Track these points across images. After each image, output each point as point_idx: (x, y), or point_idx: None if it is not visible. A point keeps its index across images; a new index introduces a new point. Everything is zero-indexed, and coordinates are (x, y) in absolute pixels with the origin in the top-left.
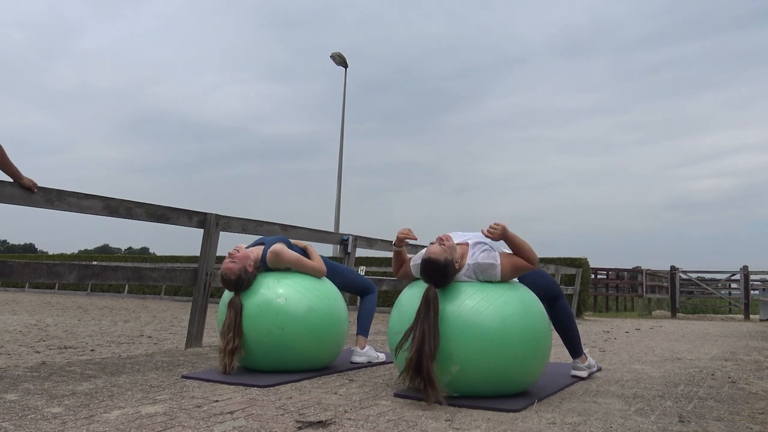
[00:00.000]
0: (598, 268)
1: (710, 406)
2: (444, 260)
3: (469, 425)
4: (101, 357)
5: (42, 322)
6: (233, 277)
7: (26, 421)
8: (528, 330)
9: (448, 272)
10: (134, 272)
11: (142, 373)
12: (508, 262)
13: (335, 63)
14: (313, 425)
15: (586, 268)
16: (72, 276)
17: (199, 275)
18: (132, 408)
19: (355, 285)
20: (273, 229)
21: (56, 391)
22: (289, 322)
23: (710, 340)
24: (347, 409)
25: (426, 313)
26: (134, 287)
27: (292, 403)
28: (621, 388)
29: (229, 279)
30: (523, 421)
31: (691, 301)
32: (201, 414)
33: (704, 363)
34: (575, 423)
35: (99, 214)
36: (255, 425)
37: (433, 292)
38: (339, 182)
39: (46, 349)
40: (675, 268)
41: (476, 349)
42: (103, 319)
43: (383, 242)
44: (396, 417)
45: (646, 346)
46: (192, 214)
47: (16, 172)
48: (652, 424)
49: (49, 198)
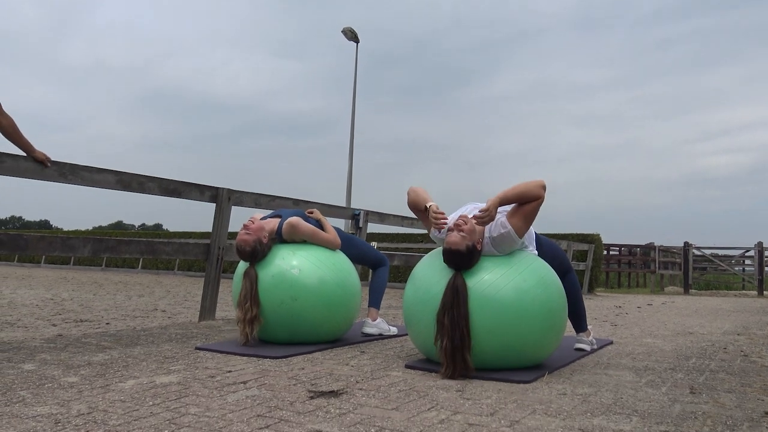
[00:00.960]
0: (610, 244)
1: (722, 378)
2: (465, 248)
3: (480, 395)
4: (116, 329)
5: (58, 296)
6: (248, 248)
7: (44, 390)
8: (546, 306)
9: (473, 257)
10: (148, 246)
11: (157, 345)
12: (517, 217)
13: (346, 38)
14: (325, 395)
15: (599, 244)
16: (86, 249)
17: (212, 249)
18: (147, 378)
19: (369, 257)
20: (285, 204)
21: (72, 361)
22: (303, 292)
23: (723, 315)
24: (359, 379)
25: (454, 301)
26: (148, 263)
27: (305, 373)
28: (632, 361)
29: (244, 250)
30: (534, 392)
31: (705, 278)
32: (214, 384)
33: (716, 337)
34: (586, 394)
35: (112, 188)
36: (268, 395)
37: (460, 280)
38: (350, 157)
39: (62, 322)
40: (688, 244)
41: (494, 325)
42: (118, 294)
43: (395, 217)
44: (407, 387)
45: (658, 321)
46: (204, 189)
47: (28, 146)
48: (663, 395)
49: (62, 172)
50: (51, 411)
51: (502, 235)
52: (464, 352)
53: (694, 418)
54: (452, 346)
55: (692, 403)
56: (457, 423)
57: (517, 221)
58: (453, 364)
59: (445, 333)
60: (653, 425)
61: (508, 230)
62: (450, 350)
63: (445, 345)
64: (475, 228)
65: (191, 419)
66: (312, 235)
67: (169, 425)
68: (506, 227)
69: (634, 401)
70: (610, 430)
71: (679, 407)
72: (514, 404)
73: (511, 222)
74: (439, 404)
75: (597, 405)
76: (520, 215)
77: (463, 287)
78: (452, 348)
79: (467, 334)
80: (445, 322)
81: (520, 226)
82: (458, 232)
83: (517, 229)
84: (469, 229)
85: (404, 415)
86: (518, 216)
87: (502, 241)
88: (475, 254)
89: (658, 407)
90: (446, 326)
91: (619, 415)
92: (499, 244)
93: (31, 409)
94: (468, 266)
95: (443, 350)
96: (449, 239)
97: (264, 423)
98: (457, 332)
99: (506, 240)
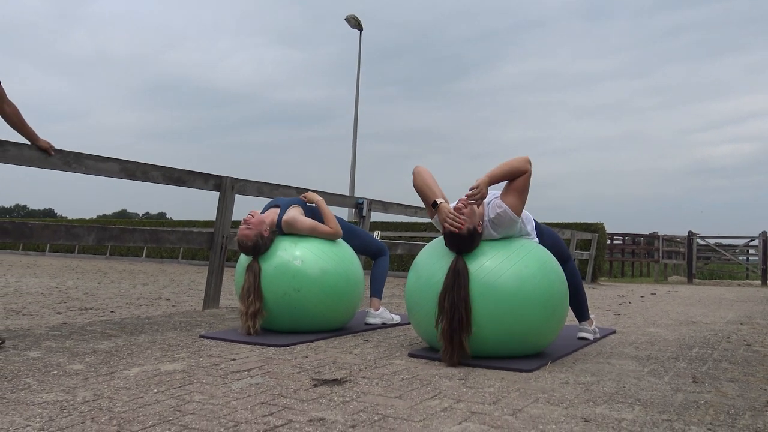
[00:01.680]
0: (614, 234)
1: (724, 367)
2: (467, 231)
3: (483, 384)
4: (121, 318)
5: (63, 284)
6: (249, 243)
7: (49, 377)
8: (547, 293)
9: (474, 239)
10: (152, 235)
11: (161, 333)
12: (510, 195)
13: (350, 26)
14: (328, 383)
15: (602, 234)
16: (90, 238)
17: (216, 238)
18: (151, 365)
19: (370, 248)
20: (289, 192)
21: (78, 349)
22: (305, 283)
23: (726, 305)
24: (362, 368)
25: (454, 283)
26: (152, 251)
27: (308, 361)
28: (635, 350)
29: (246, 245)
30: (537, 381)
31: (708, 267)
32: (219, 372)
33: (719, 326)
34: (588, 383)
35: (116, 176)
36: (272, 382)
37: (462, 263)
38: (354, 147)
39: (67, 310)
40: (692, 234)
41: (494, 311)
42: (122, 282)
43: (398, 206)
44: (410, 376)
45: (661, 310)
46: (208, 177)
47: (32, 134)
48: (665, 384)
49: (66, 160)
50: (56, 398)
51: (499, 215)
52: (462, 336)
53: (697, 408)
54: (451, 329)
55: (695, 393)
56: (459, 411)
57: (510, 199)
58: (451, 346)
59: (445, 316)
60: (656, 414)
61: (504, 209)
62: (449, 333)
63: (445, 327)
64: (475, 211)
65: (195, 406)
66: (311, 230)
67: (174, 412)
68: (502, 207)
69: (636, 390)
70: (613, 419)
71: (682, 396)
72: (517, 393)
73: (505, 201)
74: (442, 392)
75: (599, 394)
76: (512, 192)
77: (465, 270)
78: (451, 330)
79: (466, 317)
80: (445, 305)
81: (514, 203)
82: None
83: (513, 206)
84: (469, 212)
85: (407, 403)
86: (510, 193)
87: (500, 221)
88: (476, 237)
89: (660, 396)
90: (446, 309)
91: (621, 404)
92: (498, 225)
93: (36, 396)
94: (469, 249)
95: (442, 333)
96: (447, 226)
97: (268, 410)
98: (456, 315)
99: (504, 220)
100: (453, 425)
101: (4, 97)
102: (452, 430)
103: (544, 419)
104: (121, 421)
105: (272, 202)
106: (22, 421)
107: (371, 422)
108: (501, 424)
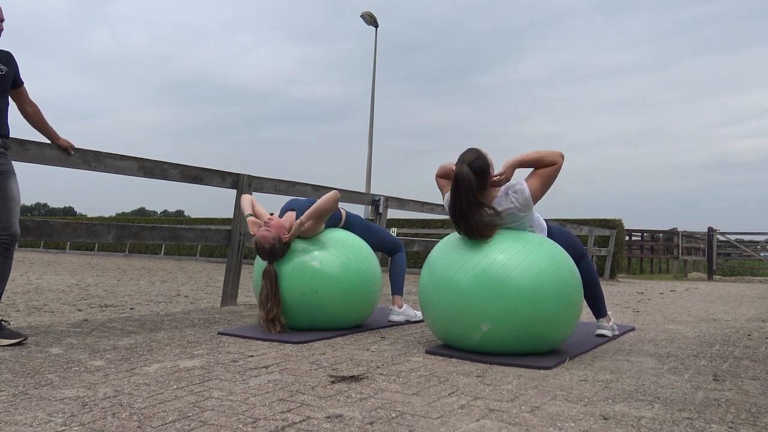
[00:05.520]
0: (632, 230)
1: (746, 365)
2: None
3: (501, 381)
4: (140, 315)
5: (83, 282)
6: (267, 245)
7: (70, 373)
8: (560, 287)
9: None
10: (170, 232)
11: (180, 330)
12: (534, 178)
13: (365, 22)
14: (345, 379)
15: (621, 230)
16: (110, 236)
17: (233, 236)
18: (171, 362)
19: (386, 244)
20: (305, 190)
21: (98, 345)
22: (323, 284)
23: (747, 302)
24: (379, 364)
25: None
26: (170, 249)
27: (326, 358)
28: (654, 348)
29: (263, 247)
30: (555, 378)
31: (729, 263)
32: (237, 368)
33: (741, 324)
34: (607, 380)
35: (134, 174)
36: (289, 379)
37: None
38: (370, 143)
39: (87, 307)
40: (712, 230)
41: (508, 307)
42: (141, 280)
43: (415, 203)
44: (427, 373)
45: (681, 307)
46: (225, 175)
47: (53, 134)
48: (685, 382)
49: (86, 159)
50: (78, 394)
51: (516, 189)
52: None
53: (717, 406)
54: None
55: (715, 390)
56: (477, 408)
57: (533, 182)
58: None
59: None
60: (675, 412)
61: (523, 188)
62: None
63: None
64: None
65: (214, 402)
66: (316, 222)
67: (193, 408)
68: (522, 185)
69: (656, 388)
70: (632, 416)
71: (702, 394)
72: (535, 390)
73: (527, 182)
74: (459, 390)
75: (618, 391)
76: (537, 177)
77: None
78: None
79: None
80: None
81: (535, 187)
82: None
83: (533, 189)
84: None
85: (424, 401)
86: (535, 177)
87: (516, 196)
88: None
89: (680, 394)
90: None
91: (640, 402)
92: (514, 199)
93: (58, 392)
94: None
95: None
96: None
97: (286, 407)
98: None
99: (520, 196)
100: (470, 422)
101: (26, 98)
102: (470, 427)
103: (562, 416)
104: (142, 416)
105: (288, 205)
106: (45, 417)
107: (389, 419)
108: (519, 421)
